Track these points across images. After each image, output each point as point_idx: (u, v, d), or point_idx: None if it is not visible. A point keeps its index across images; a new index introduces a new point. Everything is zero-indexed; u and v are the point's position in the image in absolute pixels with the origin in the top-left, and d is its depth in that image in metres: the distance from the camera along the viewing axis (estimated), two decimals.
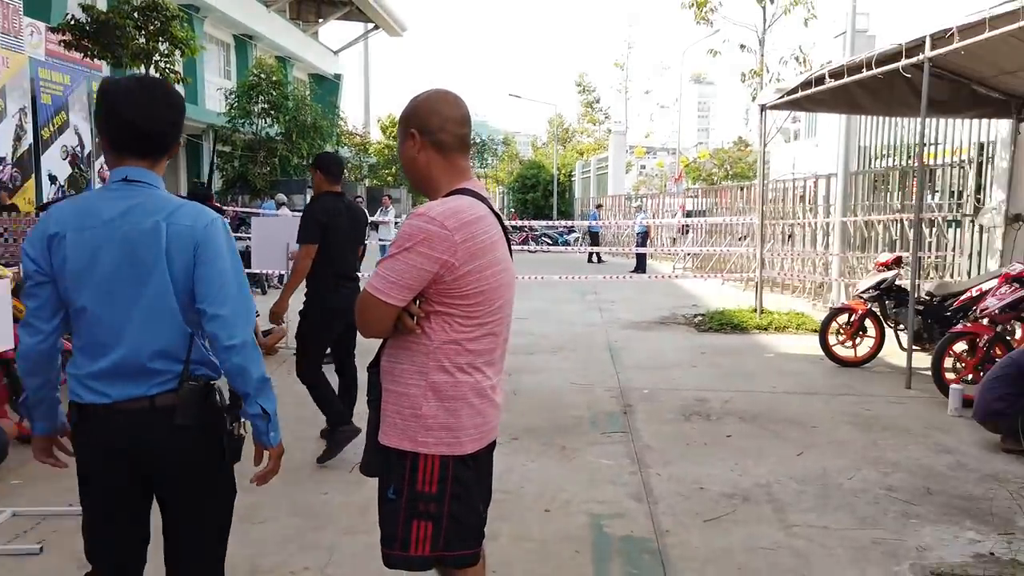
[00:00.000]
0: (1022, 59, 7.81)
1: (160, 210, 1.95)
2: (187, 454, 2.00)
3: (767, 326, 9.59)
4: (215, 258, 1.96)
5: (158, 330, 1.95)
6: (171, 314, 1.96)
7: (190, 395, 1.97)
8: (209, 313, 1.94)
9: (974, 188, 10.44)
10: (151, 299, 1.94)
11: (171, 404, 1.96)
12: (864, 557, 3.37)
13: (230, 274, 1.98)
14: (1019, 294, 5.96)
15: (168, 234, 1.93)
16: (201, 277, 1.95)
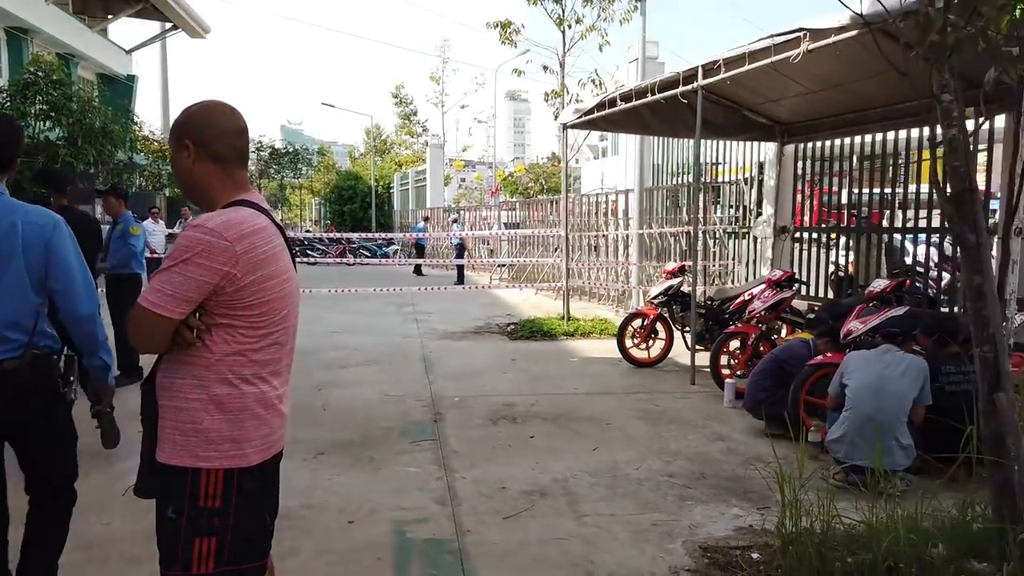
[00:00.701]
0: (782, 90, 8.93)
1: (15, 212, 2.58)
2: (27, 411, 2.65)
3: (574, 332, 10.14)
4: (62, 250, 2.65)
5: (12, 307, 2.57)
6: (24, 295, 2.59)
7: (32, 361, 2.62)
8: (60, 291, 2.66)
9: (755, 203, 11.73)
10: (9, 282, 2.56)
11: (15, 368, 2.58)
12: (644, 538, 3.70)
13: (75, 262, 2.69)
14: (778, 297, 6.80)
15: (23, 231, 2.57)
16: (52, 264, 2.63)
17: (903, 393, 4.30)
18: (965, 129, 2.99)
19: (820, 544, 3.17)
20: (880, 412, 4.25)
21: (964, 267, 3.01)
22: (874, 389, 4.33)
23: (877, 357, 4.51)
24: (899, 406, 4.29)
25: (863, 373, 4.42)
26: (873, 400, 4.30)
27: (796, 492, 3.31)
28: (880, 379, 4.35)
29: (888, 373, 4.36)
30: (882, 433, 4.11)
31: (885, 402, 4.29)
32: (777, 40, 5.93)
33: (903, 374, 4.34)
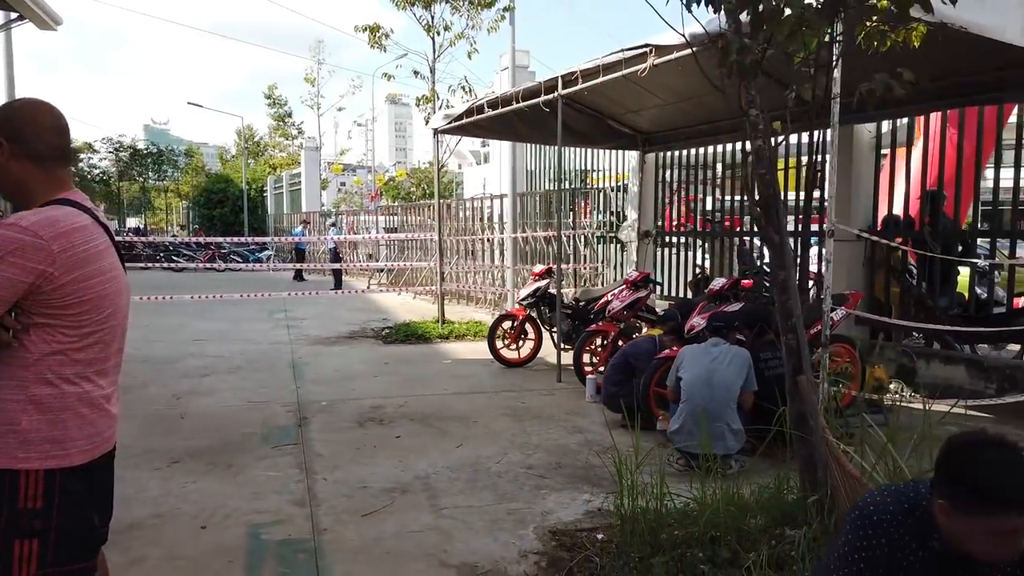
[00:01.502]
0: (641, 101, 9.44)
1: None
2: None
3: (448, 335, 10.27)
4: None
5: None
6: None
7: None
8: None
9: (626, 209, 12.27)
10: None
11: None
12: (498, 527, 3.87)
13: None
14: (635, 296, 7.20)
15: None
16: None
17: (730, 382, 4.70)
18: (770, 140, 3.34)
19: (653, 521, 3.44)
20: (711, 401, 4.63)
21: (771, 264, 3.36)
22: (705, 380, 4.70)
23: (705, 350, 4.90)
24: (728, 394, 4.68)
25: (695, 366, 4.79)
26: (705, 391, 4.67)
27: (633, 476, 3.57)
28: (710, 370, 4.73)
29: (716, 364, 4.75)
30: (714, 420, 4.48)
31: (715, 391, 4.67)
32: (627, 54, 6.30)
33: (729, 364, 4.74)
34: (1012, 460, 1.79)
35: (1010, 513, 1.75)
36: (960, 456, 1.87)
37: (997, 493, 1.76)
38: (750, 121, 3.30)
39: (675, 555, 3.22)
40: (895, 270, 8.30)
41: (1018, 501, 1.75)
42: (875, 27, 3.84)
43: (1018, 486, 1.76)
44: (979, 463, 1.82)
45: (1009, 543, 1.80)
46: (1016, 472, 1.77)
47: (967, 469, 1.83)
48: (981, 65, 6.44)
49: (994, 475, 1.77)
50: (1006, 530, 1.77)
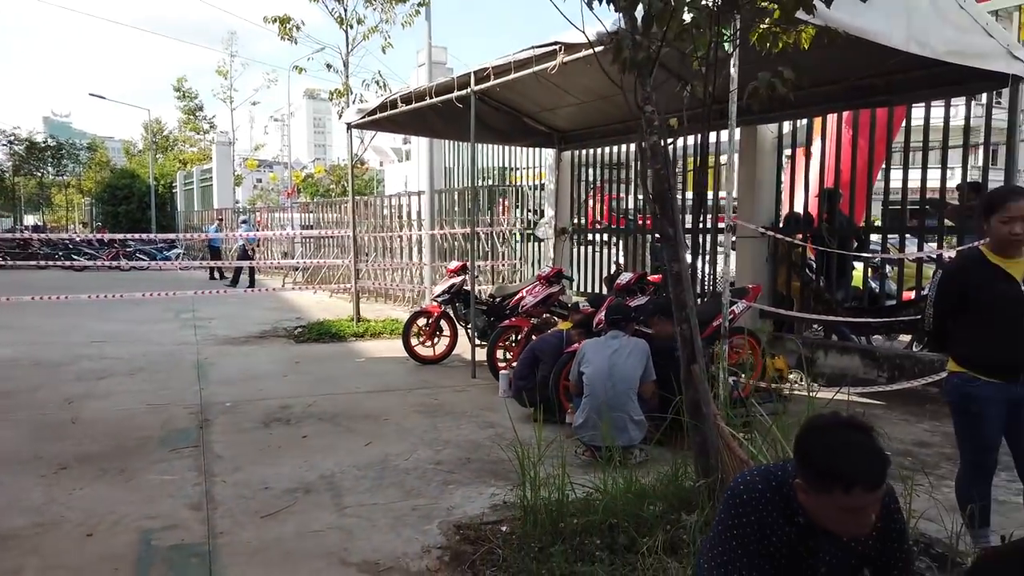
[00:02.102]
0: (556, 100, 9.54)
1: None
2: None
3: (364, 333, 10.12)
4: None
5: None
6: None
7: None
8: None
9: (544, 206, 12.37)
10: None
11: None
12: (403, 523, 3.83)
13: None
14: (547, 292, 7.27)
15: None
16: None
17: (630, 373, 4.78)
18: (665, 136, 3.42)
19: (555, 511, 3.48)
20: (613, 393, 4.70)
21: (666, 257, 3.45)
22: (605, 373, 4.78)
23: (605, 343, 4.99)
24: (628, 386, 4.76)
25: (596, 360, 4.86)
26: (606, 383, 4.74)
27: (536, 468, 3.60)
28: (610, 363, 4.81)
29: (617, 357, 4.83)
30: (616, 412, 4.56)
31: (616, 384, 4.74)
32: (538, 52, 6.35)
33: (629, 355, 4.84)
34: (856, 441, 1.88)
35: (855, 491, 1.84)
36: (810, 438, 1.96)
37: (842, 472, 1.85)
38: (645, 117, 3.38)
39: (574, 543, 3.27)
40: (795, 265, 8.66)
41: (862, 479, 1.84)
42: (767, 29, 3.99)
43: (861, 465, 1.85)
44: (825, 444, 1.91)
45: (860, 518, 1.89)
46: (860, 452, 1.86)
47: (815, 450, 1.92)
48: (872, 69, 6.77)
49: (839, 455, 1.86)
50: (855, 507, 1.86)
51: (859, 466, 1.86)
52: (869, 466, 1.86)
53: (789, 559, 2.08)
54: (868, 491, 1.86)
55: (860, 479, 1.85)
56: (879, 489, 1.88)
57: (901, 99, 7.28)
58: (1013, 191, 3.20)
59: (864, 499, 1.86)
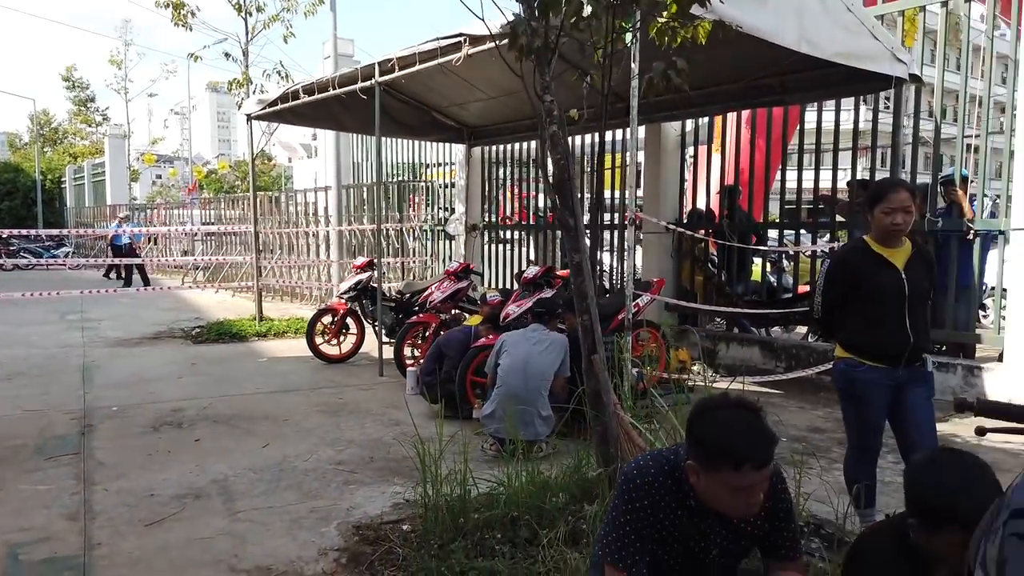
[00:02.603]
0: (465, 95, 9.45)
1: None
2: None
3: (267, 333, 9.77)
4: None
5: None
6: None
7: None
8: None
9: (454, 203, 12.25)
10: None
11: None
12: (299, 526, 3.68)
13: None
14: (455, 287, 7.19)
15: None
16: None
17: (545, 369, 4.75)
18: (564, 125, 3.40)
19: (456, 507, 3.41)
20: (525, 387, 4.67)
21: (567, 247, 3.43)
22: (520, 366, 4.74)
23: (525, 336, 4.96)
24: (541, 381, 4.73)
25: (514, 352, 4.83)
26: (519, 377, 4.70)
27: (437, 465, 3.53)
28: (527, 357, 4.78)
29: (534, 350, 4.81)
30: (525, 406, 4.52)
31: (529, 378, 4.71)
32: (443, 43, 6.25)
33: (546, 350, 4.82)
34: (745, 420, 1.91)
35: (745, 469, 1.85)
36: (700, 419, 1.97)
37: (731, 451, 1.86)
38: (545, 107, 3.35)
39: (475, 539, 3.21)
40: (699, 260, 8.90)
41: (751, 457, 1.86)
42: (665, 23, 4.03)
43: (750, 444, 1.87)
44: (716, 424, 1.92)
45: (750, 497, 1.91)
46: (749, 431, 1.88)
47: (706, 430, 1.93)
48: (768, 69, 7.00)
49: (728, 435, 1.88)
50: (744, 485, 1.88)
51: (748, 444, 1.87)
52: (757, 444, 1.88)
53: (681, 543, 2.08)
54: (756, 469, 1.87)
55: (749, 457, 1.86)
56: (767, 467, 1.90)
57: (794, 99, 7.57)
58: (894, 183, 3.35)
59: (753, 477, 1.88)
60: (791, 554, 2.15)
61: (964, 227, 6.57)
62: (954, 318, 6.71)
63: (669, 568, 2.11)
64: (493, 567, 2.97)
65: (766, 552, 2.17)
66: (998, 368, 6.27)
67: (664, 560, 2.10)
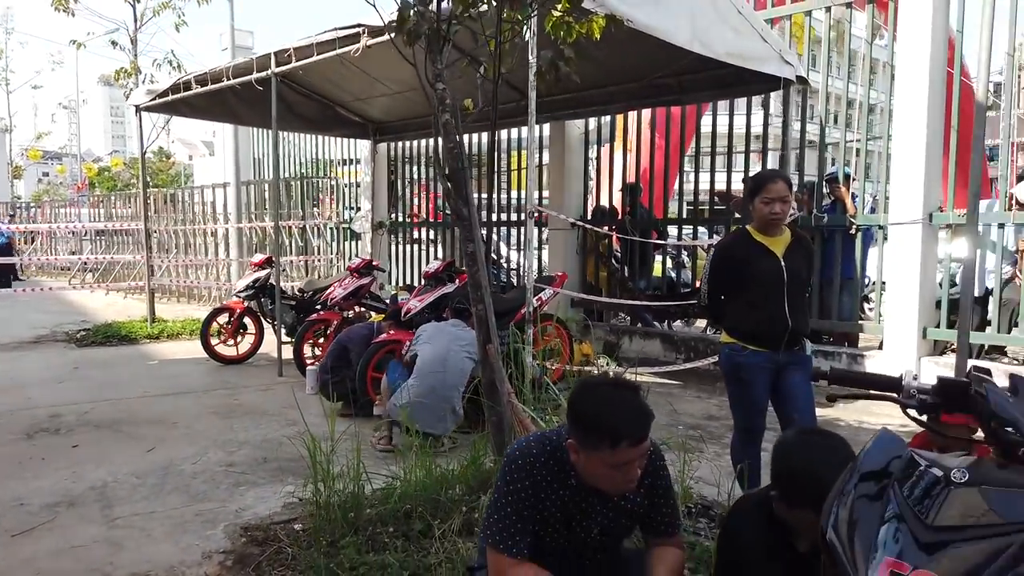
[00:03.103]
0: (369, 89, 9.29)
1: None
2: None
3: (159, 335, 9.32)
4: None
5: None
6: None
7: None
8: None
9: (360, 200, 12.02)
10: None
11: None
12: (182, 530, 3.50)
13: None
14: (358, 283, 7.04)
15: None
16: None
17: (463, 366, 4.68)
18: (457, 114, 3.38)
19: (349, 503, 3.33)
20: (443, 382, 4.58)
21: (461, 236, 3.40)
22: (441, 360, 4.66)
23: (445, 330, 4.90)
24: (460, 378, 4.65)
25: (434, 345, 4.75)
26: (438, 370, 4.62)
27: (329, 461, 3.43)
28: (448, 351, 4.71)
29: (455, 346, 4.74)
30: (441, 401, 4.44)
31: (448, 373, 4.62)
32: (341, 33, 6.11)
33: (465, 347, 4.75)
34: (622, 398, 1.93)
35: (621, 445, 1.88)
36: (579, 397, 1.99)
37: (608, 427, 1.88)
38: (437, 95, 3.31)
39: (368, 534, 3.14)
40: (603, 256, 9.06)
41: (627, 433, 1.88)
42: (560, 18, 4.06)
43: (626, 421, 1.90)
44: (593, 402, 1.94)
45: (627, 473, 1.94)
46: (625, 408, 1.91)
47: (585, 408, 1.94)
48: (666, 69, 7.19)
49: (605, 412, 1.90)
50: (621, 461, 1.90)
51: (624, 421, 1.90)
52: (633, 421, 1.91)
53: (564, 522, 2.09)
54: (633, 445, 1.90)
55: (625, 434, 1.88)
56: (643, 443, 1.93)
57: (691, 98, 7.81)
58: (772, 174, 3.48)
59: (630, 454, 1.91)
60: (670, 530, 2.19)
61: (847, 222, 6.92)
62: (839, 309, 7.06)
63: (551, 548, 2.11)
64: (384, 561, 2.91)
65: (646, 529, 2.21)
66: (879, 355, 6.65)
67: (546, 540, 2.10)
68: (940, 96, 6.41)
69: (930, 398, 1.57)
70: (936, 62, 6.30)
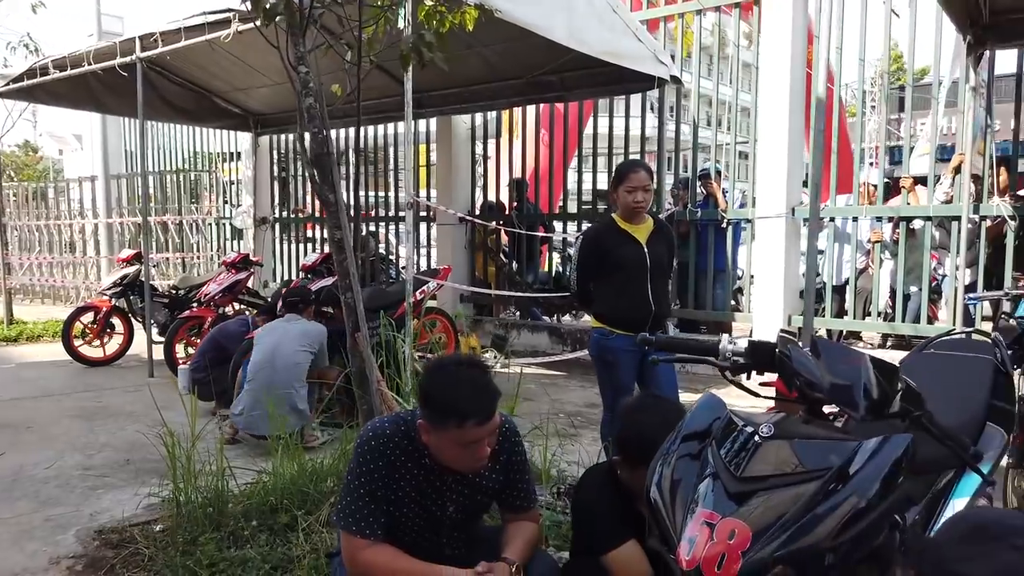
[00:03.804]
0: (248, 79, 8.97)
1: None
2: None
3: (17, 337, 8.70)
4: None
5: None
6: None
7: None
8: None
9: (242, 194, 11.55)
10: None
11: None
12: (29, 536, 3.28)
13: None
14: (234, 279, 6.80)
15: None
16: None
17: (296, 359, 4.56)
18: (322, 98, 3.31)
19: (212, 501, 3.21)
20: (274, 380, 4.46)
21: (328, 223, 3.35)
22: (269, 359, 4.53)
23: (277, 327, 4.78)
24: (293, 372, 4.52)
25: (262, 346, 4.62)
26: (268, 369, 4.50)
27: (190, 459, 3.30)
28: (276, 348, 4.57)
29: (284, 341, 4.61)
30: (278, 401, 4.25)
31: (278, 370, 4.50)
32: (211, 18, 5.88)
33: (296, 339, 4.63)
34: (468, 378, 1.95)
35: (468, 424, 1.90)
36: (428, 377, 2.00)
37: (455, 407, 1.90)
38: (300, 78, 3.24)
39: (229, 530, 3.04)
40: (492, 251, 9.13)
41: (473, 413, 1.90)
42: (433, 7, 4.06)
43: (472, 400, 1.91)
44: (441, 382, 1.96)
45: (476, 451, 1.96)
46: (471, 388, 1.92)
47: (433, 388, 1.96)
48: (549, 66, 7.32)
49: (452, 392, 1.91)
50: (469, 440, 1.92)
51: (470, 400, 1.92)
52: (479, 400, 1.93)
53: (419, 502, 2.09)
54: (480, 424, 1.92)
55: (471, 412, 1.90)
56: (490, 422, 1.95)
57: (574, 96, 7.97)
58: (634, 164, 3.61)
59: (477, 432, 1.93)
60: (526, 504, 2.23)
61: (719, 216, 7.26)
62: (713, 300, 7.40)
63: (407, 529, 2.11)
64: (245, 555, 2.82)
65: (503, 504, 2.24)
66: None
67: (402, 521, 2.09)
68: (801, 98, 6.82)
69: (743, 360, 1.68)
70: (797, 66, 6.70)
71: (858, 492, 1.35)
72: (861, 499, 1.33)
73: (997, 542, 1.10)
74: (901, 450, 1.39)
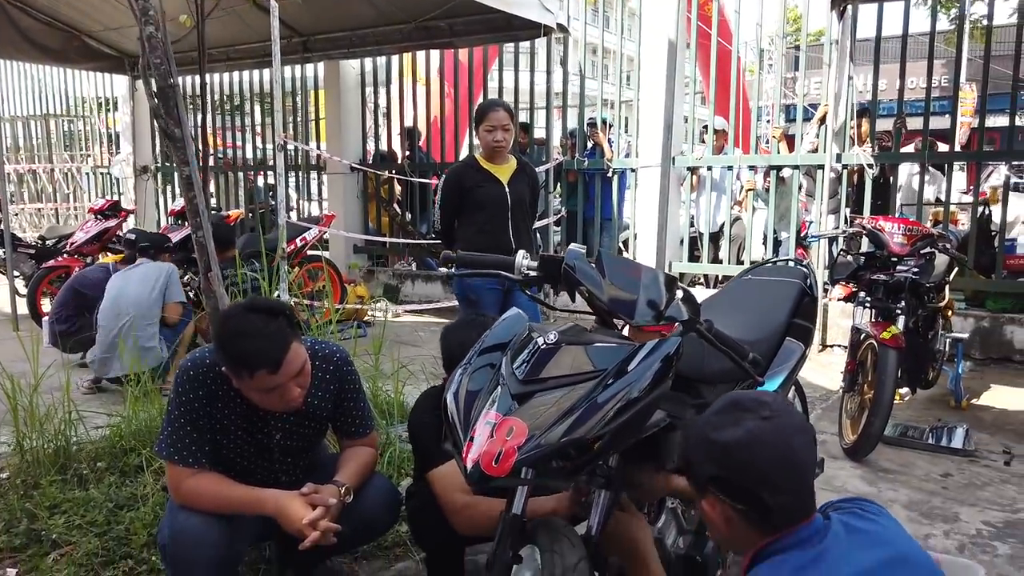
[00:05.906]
0: (123, 19, 8.42)
1: None
2: None
3: None
4: None
5: None
6: None
7: None
8: None
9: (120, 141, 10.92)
10: None
11: None
12: None
13: None
14: (102, 226, 6.49)
15: None
16: None
17: (142, 300, 4.56)
18: (164, 28, 3.17)
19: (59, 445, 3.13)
20: (117, 324, 4.49)
21: (175, 159, 3.23)
22: (112, 305, 4.56)
23: (122, 272, 4.78)
24: (138, 311, 4.52)
25: (109, 290, 4.65)
26: (111, 314, 4.53)
27: (33, 403, 3.19)
28: (118, 293, 4.59)
29: (126, 285, 4.63)
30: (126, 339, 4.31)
31: (122, 313, 4.51)
32: None
33: (140, 280, 4.63)
34: (252, 328, 1.89)
35: (259, 374, 1.88)
36: (218, 327, 1.98)
37: (240, 360, 1.88)
38: (139, 6, 3.08)
39: (74, 472, 2.97)
40: (385, 201, 9.02)
41: (258, 364, 1.88)
42: None
43: (255, 351, 1.88)
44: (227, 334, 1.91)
45: (283, 394, 1.95)
46: (254, 338, 1.88)
47: (221, 340, 1.92)
48: (436, 10, 7.21)
49: (237, 344, 1.89)
50: (267, 387, 1.91)
51: (253, 352, 1.88)
52: (262, 351, 1.89)
53: (245, 430, 2.10)
54: (270, 373, 1.90)
55: (257, 364, 1.88)
56: (284, 368, 1.92)
57: (463, 42, 7.87)
58: (492, 104, 3.64)
59: (273, 379, 1.91)
60: (362, 430, 2.28)
61: (604, 166, 7.40)
62: (599, 248, 7.58)
63: (237, 456, 2.12)
64: (89, 496, 2.77)
65: (338, 430, 2.28)
66: None
67: (230, 447, 2.10)
68: (682, 48, 6.98)
69: (535, 272, 1.76)
70: (680, 17, 6.83)
71: (632, 384, 1.45)
72: (632, 389, 1.44)
73: (747, 412, 1.28)
74: (672, 349, 1.51)
